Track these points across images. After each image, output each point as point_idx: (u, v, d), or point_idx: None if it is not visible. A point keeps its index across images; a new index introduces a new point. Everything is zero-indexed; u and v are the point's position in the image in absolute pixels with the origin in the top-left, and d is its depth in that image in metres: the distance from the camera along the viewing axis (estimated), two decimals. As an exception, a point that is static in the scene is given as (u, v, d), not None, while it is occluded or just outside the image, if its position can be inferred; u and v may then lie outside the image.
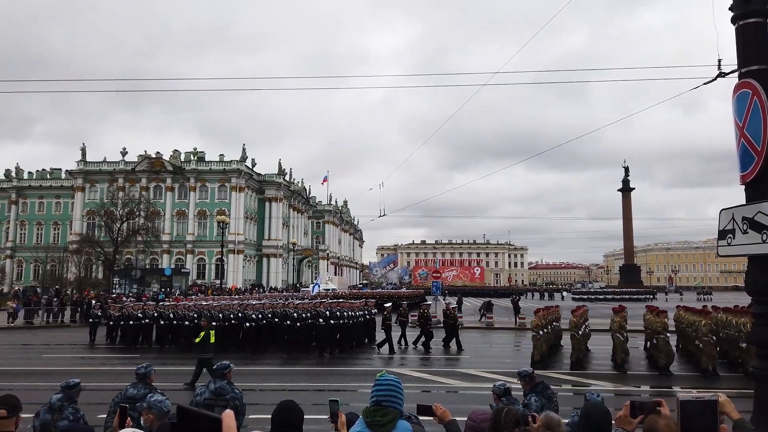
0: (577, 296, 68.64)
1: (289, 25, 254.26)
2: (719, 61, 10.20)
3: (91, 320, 25.40)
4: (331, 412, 3.17)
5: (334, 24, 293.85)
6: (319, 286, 47.91)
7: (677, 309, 20.69)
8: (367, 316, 21.90)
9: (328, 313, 19.42)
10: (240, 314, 20.50)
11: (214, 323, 15.92)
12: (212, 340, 14.06)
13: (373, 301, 25.65)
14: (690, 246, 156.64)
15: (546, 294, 79.42)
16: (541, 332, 16.85)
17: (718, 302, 31.62)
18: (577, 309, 19.34)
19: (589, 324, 20.23)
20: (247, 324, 20.13)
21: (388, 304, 22.96)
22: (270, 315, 20.41)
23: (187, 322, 20.77)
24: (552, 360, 17.69)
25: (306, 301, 24.53)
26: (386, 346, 20.03)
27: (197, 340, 14.05)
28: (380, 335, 21.10)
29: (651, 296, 64.06)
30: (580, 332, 17.13)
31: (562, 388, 13.09)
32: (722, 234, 6.80)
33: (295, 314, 19.72)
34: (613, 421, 3.22)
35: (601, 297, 63.15)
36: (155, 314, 22.20)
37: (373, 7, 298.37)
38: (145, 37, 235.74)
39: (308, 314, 19.61)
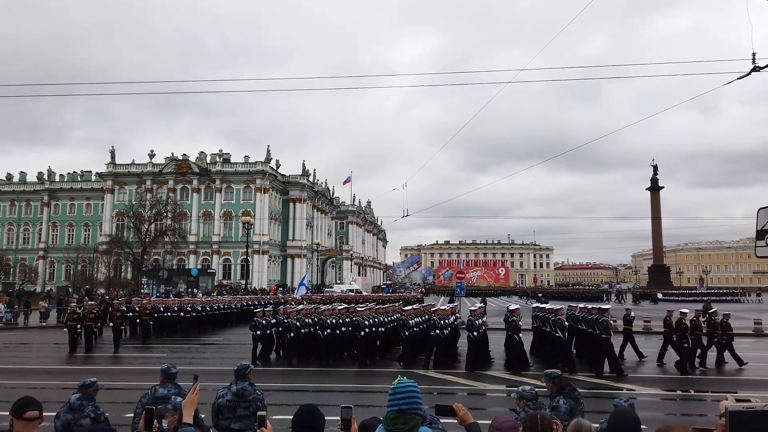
0: (669, 298, 60.41)
1: (314, 38, 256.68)
2: (753, 54, 9.82)
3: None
4: (343, 419, 3.08)
5: (358, 37, 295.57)
6: (305, 287, 43.43)
7: None
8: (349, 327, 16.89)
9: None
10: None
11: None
12: None
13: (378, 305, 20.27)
14: (721, 246, 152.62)
15: (622, 295, 66.42)
16: None
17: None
18: None
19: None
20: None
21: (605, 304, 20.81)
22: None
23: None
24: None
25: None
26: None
27: None
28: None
29: (736, 298, 61.71)
30: None
31: None
32: (760, 234, 6.51)
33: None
34: (643, 426, 3.06)
35: (691, 299, 59.03)
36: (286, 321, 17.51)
37: (395, 19, 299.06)
38: (181, 52, 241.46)
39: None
